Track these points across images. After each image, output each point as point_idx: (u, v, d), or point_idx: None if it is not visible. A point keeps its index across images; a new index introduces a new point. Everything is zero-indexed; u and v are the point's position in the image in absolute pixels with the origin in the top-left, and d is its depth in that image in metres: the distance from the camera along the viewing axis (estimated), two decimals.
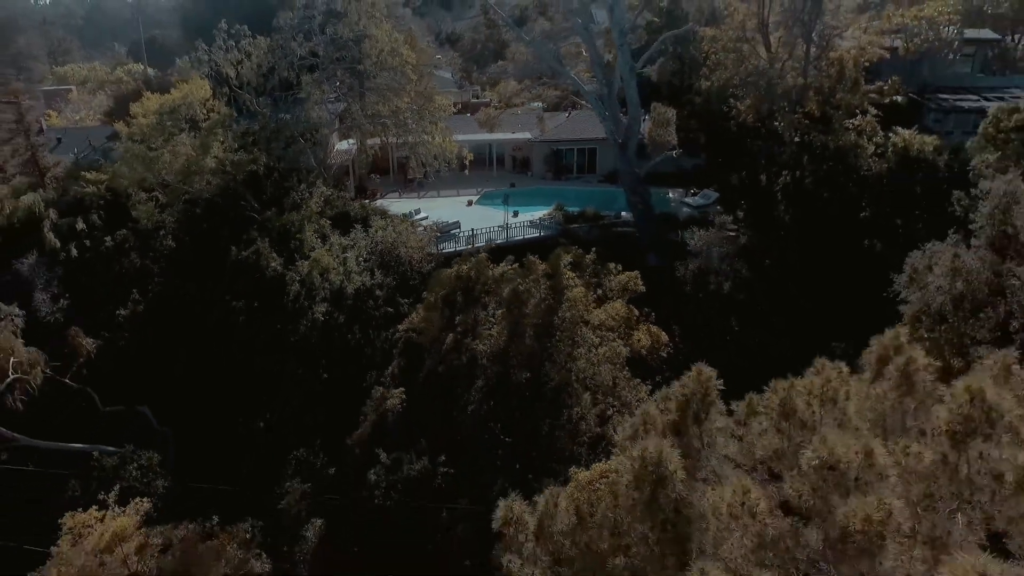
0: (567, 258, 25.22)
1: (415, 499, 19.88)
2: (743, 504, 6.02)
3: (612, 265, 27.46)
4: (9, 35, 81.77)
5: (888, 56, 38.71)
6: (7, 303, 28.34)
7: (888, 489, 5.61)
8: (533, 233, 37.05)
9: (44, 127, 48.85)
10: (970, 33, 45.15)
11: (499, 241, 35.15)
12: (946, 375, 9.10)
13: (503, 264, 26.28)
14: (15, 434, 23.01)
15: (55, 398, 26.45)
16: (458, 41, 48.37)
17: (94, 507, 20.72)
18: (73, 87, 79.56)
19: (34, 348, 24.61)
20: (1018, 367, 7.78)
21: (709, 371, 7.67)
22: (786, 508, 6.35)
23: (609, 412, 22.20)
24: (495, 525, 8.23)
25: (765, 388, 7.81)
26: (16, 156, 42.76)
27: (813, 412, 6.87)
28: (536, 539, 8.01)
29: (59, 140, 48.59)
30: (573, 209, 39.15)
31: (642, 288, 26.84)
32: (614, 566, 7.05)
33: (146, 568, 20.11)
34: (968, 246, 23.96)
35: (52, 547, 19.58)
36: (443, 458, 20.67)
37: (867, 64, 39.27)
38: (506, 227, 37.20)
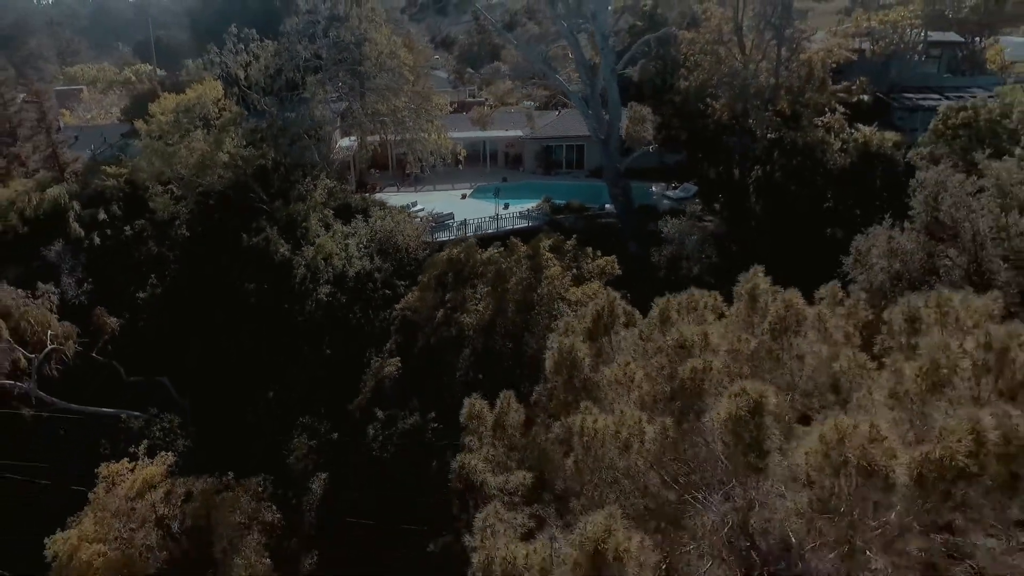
0: (547, 242, 27.95)
1: (408, 448, 22.57)
2: (624, 374, 8.63)
3: (590, 250, 30.13)
4: (21, 37, 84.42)
5: (855, 58, 41.32)
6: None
7: (718, 360, 8.25)
8: (521, 223, 39.70)
9: (62, 125, 51.65)
10: (935, 36, 47.80)
11: (489, 230, 37.86)
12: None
13: (491, 249, 29.01)
14: (53, 398, 25.75)
15: (85, 370, 29.19)
16: (453, 44, 51.04)
17: (125, 459, 23.55)
18: (84, 87, 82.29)
19: (68, 322, 27.31)
20: (846, 297, 10.38)
21: (615, 294, 10.32)
22: (653, 378, 8.95)
23: None
24: (462, 419, 10.87)
25: None
26: (37, 152, 45.61)
27: (680, 316, 9.56)
28: (494, 431, 10.66)
29: (76, 138, 51.33)
30: (560, 201, 41.87)
31: (618, 271, 29.45)
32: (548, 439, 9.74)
33: (171, 513, 22.87)
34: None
35: (89, 493, 22.39)
36: (433, 414, 23.36)
37: (835, 65, 42.01)
38: (496, 218, 39.90)
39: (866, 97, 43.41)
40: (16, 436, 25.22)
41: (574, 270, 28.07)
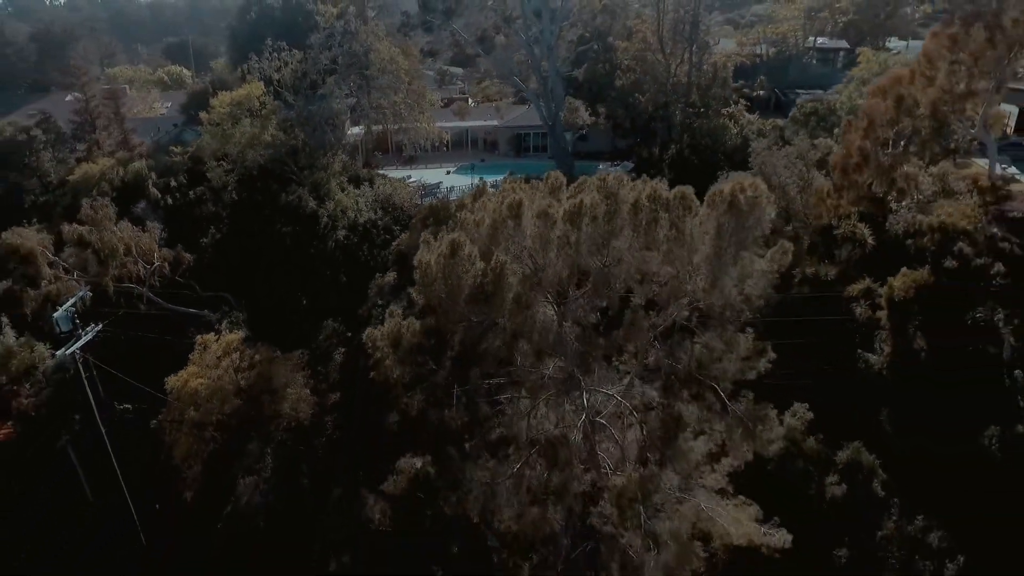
0: None
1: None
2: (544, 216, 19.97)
3: None
4: (69, 43, 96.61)
5: (748, 62, 52.99)
6: None
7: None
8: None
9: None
10: (824, 42, 59.35)
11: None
12: None
13: None
14: (158, 299, 37.67)
15: (173, 287, 41.07)
16: (437, 54, 62.94)
17: (212, 332, 35.46)
18: (126, 86, 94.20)
19: (167, 249, 39.22)
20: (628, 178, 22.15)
21: (561, 178, 21.91)
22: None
23: None
24: (415, 263, 22.40)
25: None
26: (111, 138, 57.69)
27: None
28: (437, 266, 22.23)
29: (134, 128, 63.32)
30: (521, 175, 53.61)
31: None
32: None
33: (242, 366, 34.57)
34: None
35: (189, 354, 34.15)
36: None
37: (735, 67, 53.67)
38: (472, 187, 51.65)
39: (763, 92, 55.07)
40: (135, 322, 37.14)
41: None
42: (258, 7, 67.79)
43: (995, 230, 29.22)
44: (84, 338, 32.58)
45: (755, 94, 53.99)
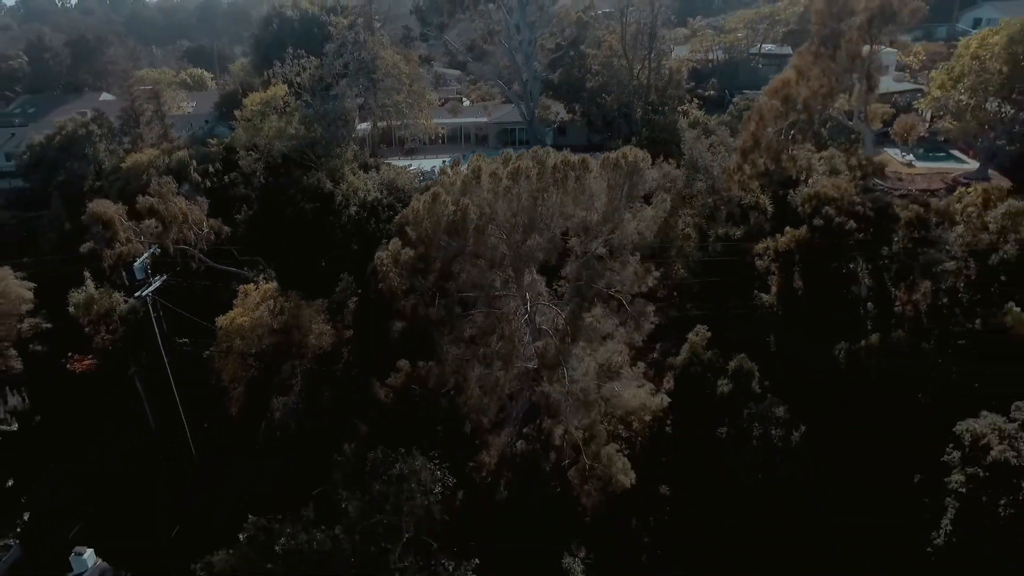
0: None
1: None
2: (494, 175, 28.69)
3: None
4: (100, 48, 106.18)
5: (699, 67, 62.01)
6: None
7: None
8: None
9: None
10: (771, 48, 68.26)
11: None
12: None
13: None
14: (206, 259, 46.91)
15: (216, 253, 50.27)
16: (433, 60, 72.23)
17: (251, 283, 44.59)
18: (152, 86, 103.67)
19: (213, 219, 48.41)
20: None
21: (511, 154, 30.54)
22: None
23: None
24: (409, 208, 31.17)
25: None
26: (153, 132, 67.04)
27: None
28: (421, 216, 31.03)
29: (172, 124, 72.67)
30: None
31: None
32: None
33: (276, 310, 43.56)
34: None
35: (232, 302, 43.23)
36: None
37: (693, 71, 62.63)
38: None
39: (714, 93, 64.13)
40: (189, 276, 46.36)
41: None
42: (279, 19, 77.11)
43: (855, 198, 38.18)
44: (154, 284, 41.95)
45: (707, 94, 62.89)
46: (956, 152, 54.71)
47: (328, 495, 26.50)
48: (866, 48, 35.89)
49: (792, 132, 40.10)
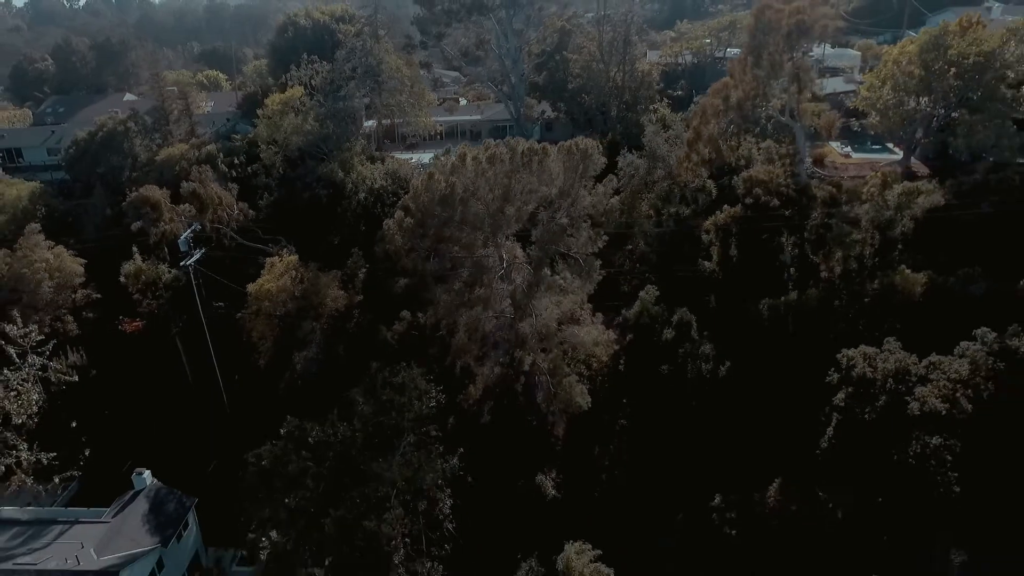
0: None
1: None
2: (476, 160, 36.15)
3: None
4: (123, 52, 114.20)
5: (667, 70, 69.73)
6: None
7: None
8: None
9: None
10: (734, 53, 75.90)
11: None
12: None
13: None
14: (236, 236, 54.77)
15: (244, 232, 58.06)
16: (430, 65, 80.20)
17: (276, 256, 52.46)
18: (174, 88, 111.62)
19: (242, 203, 56.25)
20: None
21: (492, 143, 38.20)
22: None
23: None
24: (411, 186, 38.55)
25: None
26: (180, 129, 74.94)
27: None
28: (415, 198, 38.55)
29: (198, 121, 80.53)
30: None
31: None
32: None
33: (298, 278, 51.34)
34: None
35: (259, 272, 51.08)
36: None
37: (665, 73, 70.28)
38: None
39: (682, 93, 71.87)
40: (223, 250, 54.16)
41: None
42: (293, 27, 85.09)
43: (782, 181, 45.92)
44: (196, 255, 49.80)
45: (677, 94, 70.57)
46: (890, 145, 62.47)
47: (349, 402, 34.28)
48: (788, 57, 43.59)
49: (730, 127, 47.80)
